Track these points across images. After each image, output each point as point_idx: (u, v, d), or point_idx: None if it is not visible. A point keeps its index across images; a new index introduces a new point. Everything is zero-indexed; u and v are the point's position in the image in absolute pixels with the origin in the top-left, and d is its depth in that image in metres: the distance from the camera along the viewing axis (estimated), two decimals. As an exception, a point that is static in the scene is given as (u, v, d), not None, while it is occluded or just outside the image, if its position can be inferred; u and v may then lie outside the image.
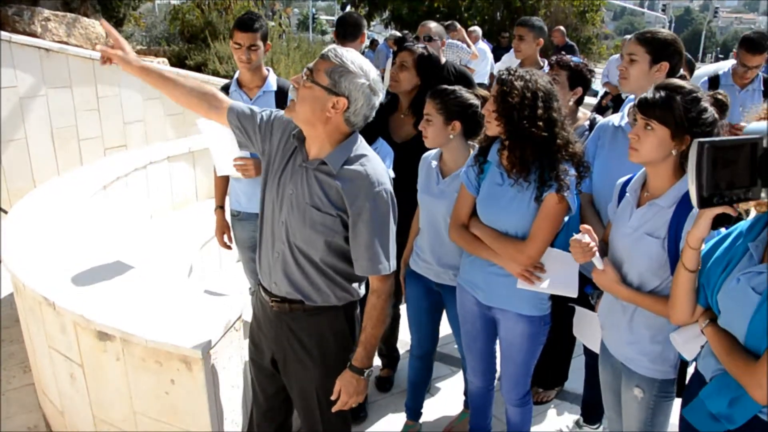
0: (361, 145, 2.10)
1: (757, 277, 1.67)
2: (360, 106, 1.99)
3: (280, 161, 2.15)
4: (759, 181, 1.25)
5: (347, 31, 4.04)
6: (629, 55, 2.67)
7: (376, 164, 2.09)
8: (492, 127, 2.41)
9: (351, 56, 1.96)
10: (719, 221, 1.71)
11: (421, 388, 3.24)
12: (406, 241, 3.01)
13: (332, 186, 2.03)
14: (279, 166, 2.15)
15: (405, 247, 3.01)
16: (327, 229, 2.06)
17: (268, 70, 3.38)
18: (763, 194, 0.60)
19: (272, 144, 2.18)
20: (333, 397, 2.15)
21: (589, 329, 2.62)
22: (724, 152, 0.66)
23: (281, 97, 3.26)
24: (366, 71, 1.97)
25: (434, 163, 2.82)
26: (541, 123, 2.31)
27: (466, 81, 3.67)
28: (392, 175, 2.95)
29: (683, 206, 2.04)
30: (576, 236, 2.16)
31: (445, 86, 2.73)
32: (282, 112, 2.20)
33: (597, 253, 2.16)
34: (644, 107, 2.03)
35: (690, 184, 1.40)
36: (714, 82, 4.76)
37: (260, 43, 3.22)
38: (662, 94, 2.01)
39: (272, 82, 3.35)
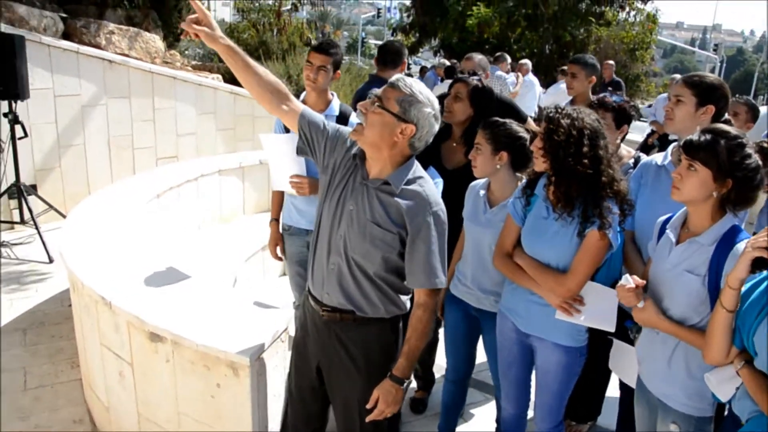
0: (418, 168, 2.23)
1: None
2: (425, 132, 2.14)
3: (341, 177, 2.24)
4: None
5: (388, 59, 4.17)
6: (676, 97, 2.73)
7: (432, 186, 2.24)
8: (539, 164, 2.49)
9: (419, 87, 2.12)
10: (759, 264, 1.76)
11: (454, 413, 3.28)
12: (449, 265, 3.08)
13: (393, 204, 2.15)
14: (340, 181, 2.24)
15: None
16: (385, 245, 2.17)
17: (332, 95, 3.50)
18: None
19: (335, 159, 2.27)
20: (370, 405, 2.21)
21: (626, 363, 2.65)
22: None
23: (342, 122, 3.37)
24: (432, 101, 2.13)
25: (482, 192, 2.90)
26: (586, 161, 2.37)
27: (513, 111, 3.75)
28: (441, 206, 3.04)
29: (724, 245, 2.09)
30: (622, 283, 2.24)
31: (497, 118, 2.82)
32: (348, 130, 2.30)
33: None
34: (689, 149, 2.09)
35: None
36: None
37: (330, 68, 3.34)
38: (707, 137, 2.07)
39: (335, 106, 3.47)
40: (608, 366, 2.99)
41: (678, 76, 9.73)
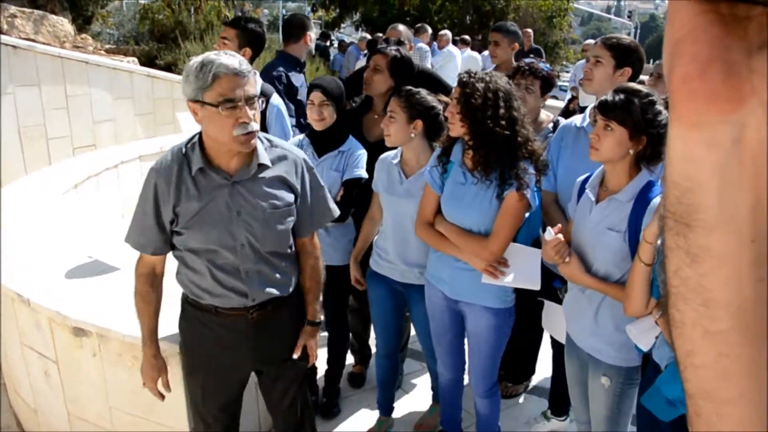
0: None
1: None
2: None
3: (191, 203, 2.04)
4: None
5: (291, 33, 4.10)
6: (595, 57, 2.78)
7: (283, 140, 2.39)
8: (456, 129, 2.49)
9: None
10: None
11: (390, 386, 3.31)
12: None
13: (276, 179, 2.12)
14: (194, 206, 2.04)
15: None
16: (291, 217, 2.17)
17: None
18: None
19: (171, 202, 2.04)
20: (297, 353, 2.31)
21: (557, 322, 2.72)
22: None
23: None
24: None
25: (395, 162, 2.88)
26: (503, 122, 2.41)
27: (436, 82, 3.76)
28: (365, 175, 3.02)
29: (641, 201, 2.16)
30: (547, 238, 2.28)
31: (410, 87, 2.81)
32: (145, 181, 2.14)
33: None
34: (604, 109, 2.15)
35: None
36: None
37: (233, 40, 3.30)
38: (621, 96, 2.13)
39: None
40: (541, 326, 3.09)
41: (592, 41, 9.99)
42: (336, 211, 2.38)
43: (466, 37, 11.13)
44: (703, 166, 0.49)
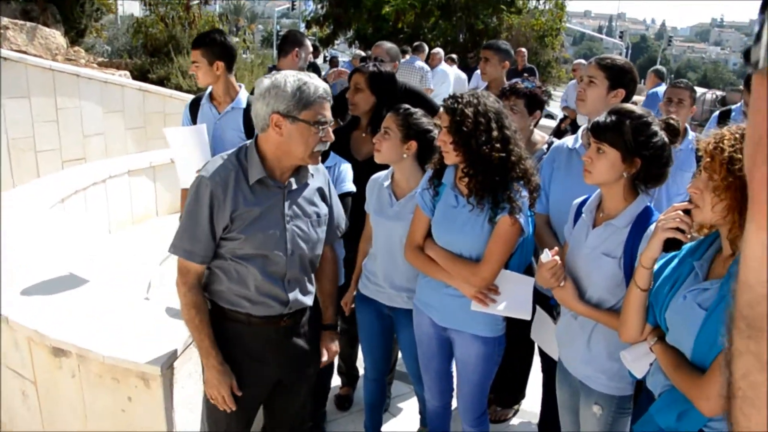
0: None
1: (702, 293, 1.75)
2: None
3: (250, 209, 2.09)
4: None
5: (282, 48, 4.15)
6: (589, 78, 2.74)
7: None
8: (450, 157, 2.43)
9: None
10: (670, 244, 1.80)
11: (378, 409, 3.24)
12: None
13: (317, 189, 2.27)
14: (253, 211, 2.10)
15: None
16: (326, 227, 2.32)
17: (240, 87, 3.39)
18: None
19: (228, 208, 2.08)
20: (326, 360, 2.45)
21: (547, 335, 2.67)
22: None
23: (250, 116, 3.27)
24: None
25: (386, 184, 2.83)
26: (498, 144, 2.36)
27: (423, 101, 3.74)
28: (353, 189, 2.98)
29: (638, 226, 2.12)
30: (544, 260, 2.23)
31: (409, 106, 2.77)
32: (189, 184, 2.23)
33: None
34: (596, 131, 2.11)
35: None
36: (725, 116, 4.63)
37: (203, 62, 3.22)
38: (613, 118, 2.10)
39: (242, 98, 3.35)
40: (531, 349, 3.04)
41: (584, 61, 10.07)
42: (345, 223, 2.52)
43: (453, 56, 11.20)
44: None
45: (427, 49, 8.24)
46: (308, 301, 2.29)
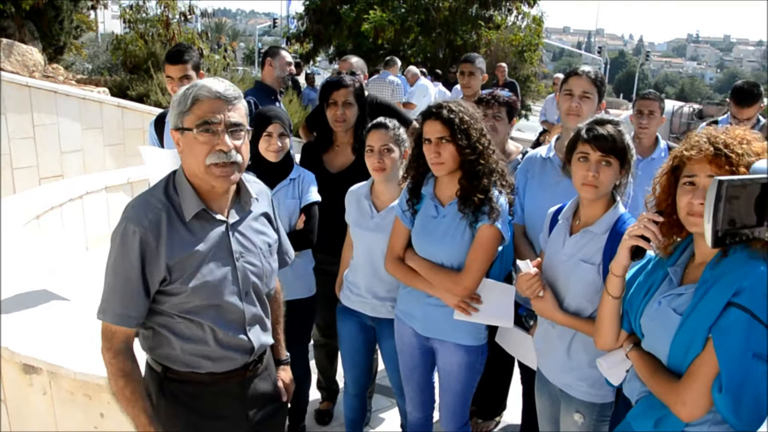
0: None
1: (677, 299, 1.75)
2: None
3: (184, 254, 1.79)
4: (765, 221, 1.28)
5: (262, 62, 4.20)
6: (585, 93, 2.76)
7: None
8: (447, 166, 2.43)
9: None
10: (636, 252, 1.82)
11: (359, 424, 3.21)
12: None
13: (260, 213, 2.00)
14: (192, 257, 1.80)
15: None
16: (276, 255, 2.08)
17: None
18: None
19: (163, 258, 1.76)
20: (286, 396, 2.16)
21: (521, 347, 2.68)
22: (736, 190, 0.66)
23: None
24: None
25: (365, 196, 2.83)
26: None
27: (394, 113, 3.77)
28: (319, 198, 2.98)
29: (615, 234, 2.13)
30: (524, 272, 2.23)
31: (388, 120, 2.76)
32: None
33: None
34: (602, 144, 2.11)
35: (705, 222, 1.38)
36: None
37: (192, 74, 3.25)
38: (613, 129, 2.12)
39: None
40: (511, 360, 3.02)
41: (561, 75, 10.20)
42: (292, 256, 2.24)
43: (438, 71, 11.30)
44: None
45: (399, 63, 8.33)
46: (269, 339, 2.04)
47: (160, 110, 7.95)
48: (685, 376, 1.69)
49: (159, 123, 3.44)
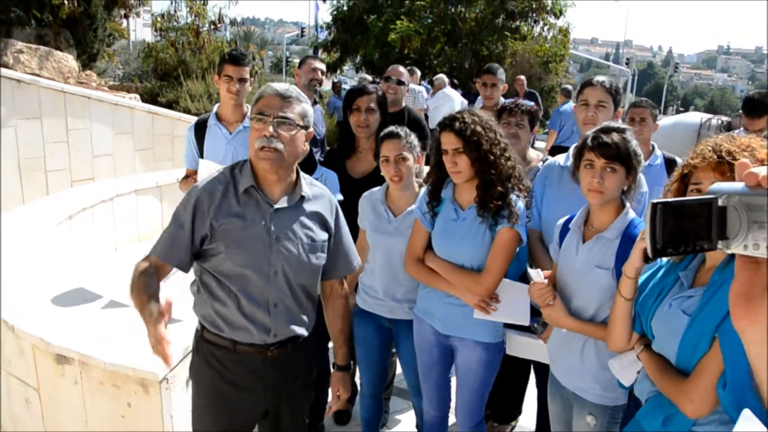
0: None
1: (687, 300, 1.80)
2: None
3: (230, 221, 2.03)
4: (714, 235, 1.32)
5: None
6: (601, 103, 2.83)
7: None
8: (463, 177, 2.51)
9: (297, 90, 2.15)
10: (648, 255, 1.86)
11: (375, 425, 3.26)
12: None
13: (314, 214, 2.17)
14: (232, 225, 2.03)
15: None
16: (323, 254, 2.20)
17: (248, 107, 3.48)
18: (720, 246, 0.69)
19: (207, 223, 2.02)
20: (333, 401, 2.39)
21: (531, 349, 2.74)
22: (680, 210, 0.73)
23: None
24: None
25: (381, 201, 2.89)
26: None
27: (420, 127, 3.82)
28: (341, 198, 3.03)
29: (627, 238, 2.18)
30: (535, 281, 2.30)
31: (400, 129, 2.81)
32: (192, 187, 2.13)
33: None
34: (606, 151, 2.16)
35: (646, 237, 1.48)
36: None
37: (248, 77, 3.38)
38: (616, 137, 2.17)
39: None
40: (527, 365, 3.06)
41: (570, 86, 10.27)
42: (358, 261, 2.40)
43: (455, 81, 11.41)
44: None
45: (419, 72, 8.44)
46: (300, 331, 2.17)
47: (189, 116, 8.18)
48: (692, 374, 1.74)
49: (199, 129, 3.50)
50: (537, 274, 2.31)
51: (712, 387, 1.66)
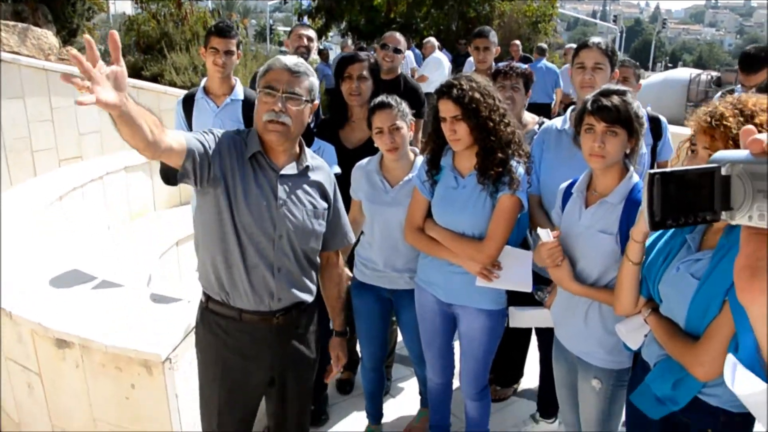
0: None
1: (695, 264, 1.78)
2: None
3: (241, 181, 2.05)
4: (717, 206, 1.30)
5: None
6: (598, 65, 2.77)
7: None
8: (463, 141, 2.46)
9: (305, 64, 2.14)
10: None
11: (378, 396, 3.28)
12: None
13: (315, 183, 2.20)
14: (245, 186, 2.05)
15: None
16: (324, 223, 2.23)
17: (235, 80, 3.45)
18: (723, 216, 0.65)
19: (225, 165, 2.04)
20: (333, 367, 2.45)
21: (537, 319, 2.74)
22: (679, 180, 0.69)
23: (248, 107, 3.29)
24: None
25: (376, 171, 2.84)
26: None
27: (417, 95, 3.76)
28: (339, 171, 3.00)
29: (631, 202, 2.16)
30: (544, 240, 2.26)
31: (392, 98, 2.76)
32: (221, 132, 2.10)
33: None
34: (606, 114, 2.12)
35: (644, 209, 1.45)
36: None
37: (234, 49, 3.33)
38: (616, 99, 2.13)
39: (239, 91, 3.43)
40: (528, 329, 3.07)
41: (574, 45, 10.10)
42: (353, 236, 2.44)
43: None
44: None
45: (434, 43, 8.30)
46: (304, 296, 2.19)
47: (175, 90, 8.04)
48: (702, 338, 1.73)
49: (187, 101, 3.47)
50: (546, 234, 2.27)
51: (723, 350, 1.66)
